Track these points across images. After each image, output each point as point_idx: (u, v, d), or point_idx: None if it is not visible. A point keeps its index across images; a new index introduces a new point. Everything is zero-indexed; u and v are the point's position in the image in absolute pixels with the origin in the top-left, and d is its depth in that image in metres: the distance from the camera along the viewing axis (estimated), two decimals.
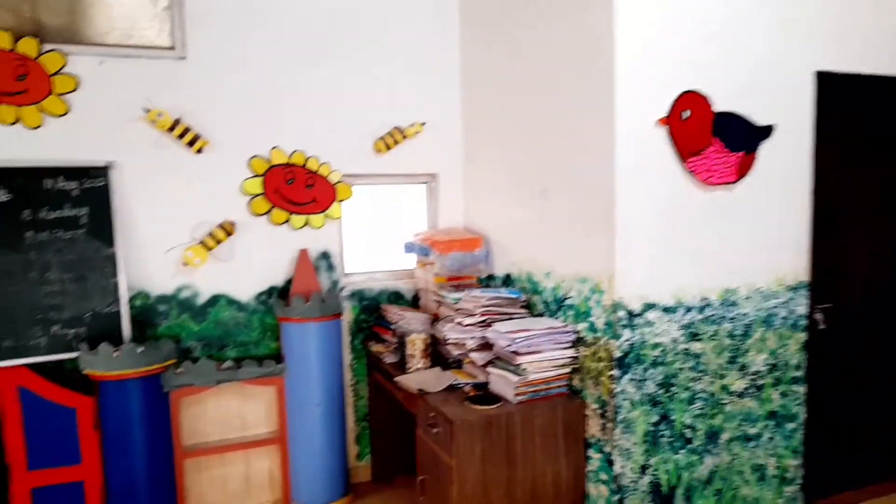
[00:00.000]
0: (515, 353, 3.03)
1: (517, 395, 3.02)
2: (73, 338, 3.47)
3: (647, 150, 2.91)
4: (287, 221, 3.94)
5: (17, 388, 3.35)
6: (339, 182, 4.04)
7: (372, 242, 4.38)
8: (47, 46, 3.38)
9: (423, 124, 4.22)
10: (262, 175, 3.86)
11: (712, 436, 3.19)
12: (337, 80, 4.01)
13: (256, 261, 3.91)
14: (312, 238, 4.02)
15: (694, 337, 3.09)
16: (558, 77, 3.23)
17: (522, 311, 3.47)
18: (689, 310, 3.07)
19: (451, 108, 4.32)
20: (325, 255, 4.08)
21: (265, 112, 3.85)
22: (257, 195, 3.86)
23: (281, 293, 3.95)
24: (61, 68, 3.41)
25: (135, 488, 3.47)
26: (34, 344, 3.40)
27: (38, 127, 3.41)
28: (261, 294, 3.94)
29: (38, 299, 3.41)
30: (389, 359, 3.81)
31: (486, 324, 3.34)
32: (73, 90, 3.45)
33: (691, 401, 3.11)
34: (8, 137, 3.37)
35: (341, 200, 4.06)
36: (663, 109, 2.93)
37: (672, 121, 2.95)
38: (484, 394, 3.14)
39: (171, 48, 3.64)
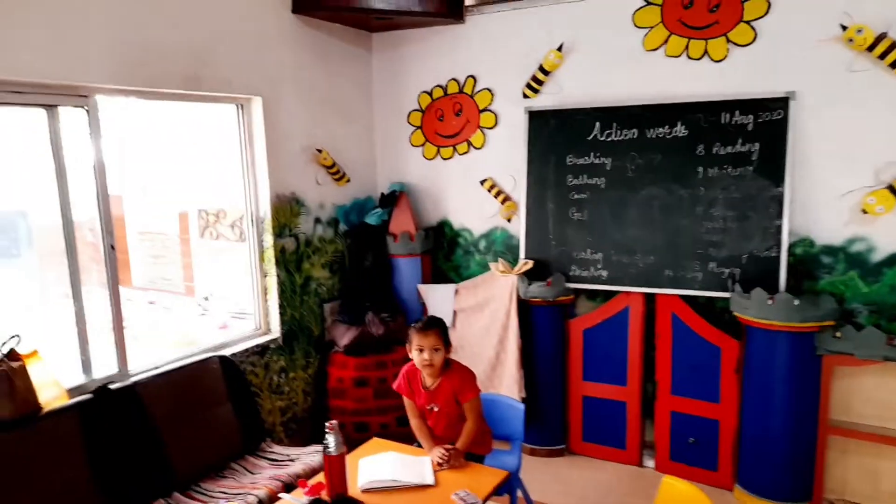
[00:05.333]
0: None
1: None
2: (727, 277, 3.41)
3: None
4: None
5: (671, 315, 3.54)
6: None
7: None
8: None
9: None
10: None
11: None
12: None
13: None
14: None
15: None
16: None
17: None
18: None
19: None
20: None
21: None
22: None
23: None
24: None
25: (769, 444, 3.24)
26: (690, 277, 3.51)
27: (722, 59, 3.37)
28: None
29: (699, 234, 3.47)
30: None
31: None
32: (763, 15, 3.24)
33: None
34: (691, 72, 3.46)
35: None
36: None
37: None
38: None
39: None
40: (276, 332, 3.80)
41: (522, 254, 3.93)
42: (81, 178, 2.86)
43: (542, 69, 3.83)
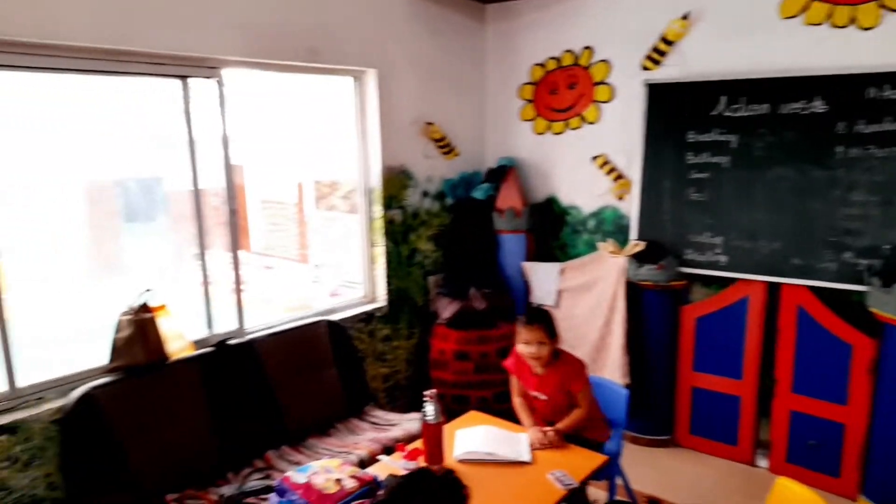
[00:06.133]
0: None
1: None
2: (864, 269, 3.10)
3: None
4: None
5: (797, 307, 3.27)
6: None
7: None
8: None
9: None
10: None
11: None
12: None
13: None
14: None
15: None
16: None
17: None
18: None
19: None
20: None
21: None
22: None
23: None
24: None
25: None
26: (822, 267, 3.22)
27: (872, 27, 3.02)
28: None
29: (835, 221, 3.16)
30: None
31: None
32: None
33: None
34: (833, 41, 3.13)
35: None
36: None
37: None
38: None
39: None
40: (381, 301, 3.89)
41: (634, 234, 3.77)
42: (207, 147, 3.04)
43: (664, 39, 3.61)
